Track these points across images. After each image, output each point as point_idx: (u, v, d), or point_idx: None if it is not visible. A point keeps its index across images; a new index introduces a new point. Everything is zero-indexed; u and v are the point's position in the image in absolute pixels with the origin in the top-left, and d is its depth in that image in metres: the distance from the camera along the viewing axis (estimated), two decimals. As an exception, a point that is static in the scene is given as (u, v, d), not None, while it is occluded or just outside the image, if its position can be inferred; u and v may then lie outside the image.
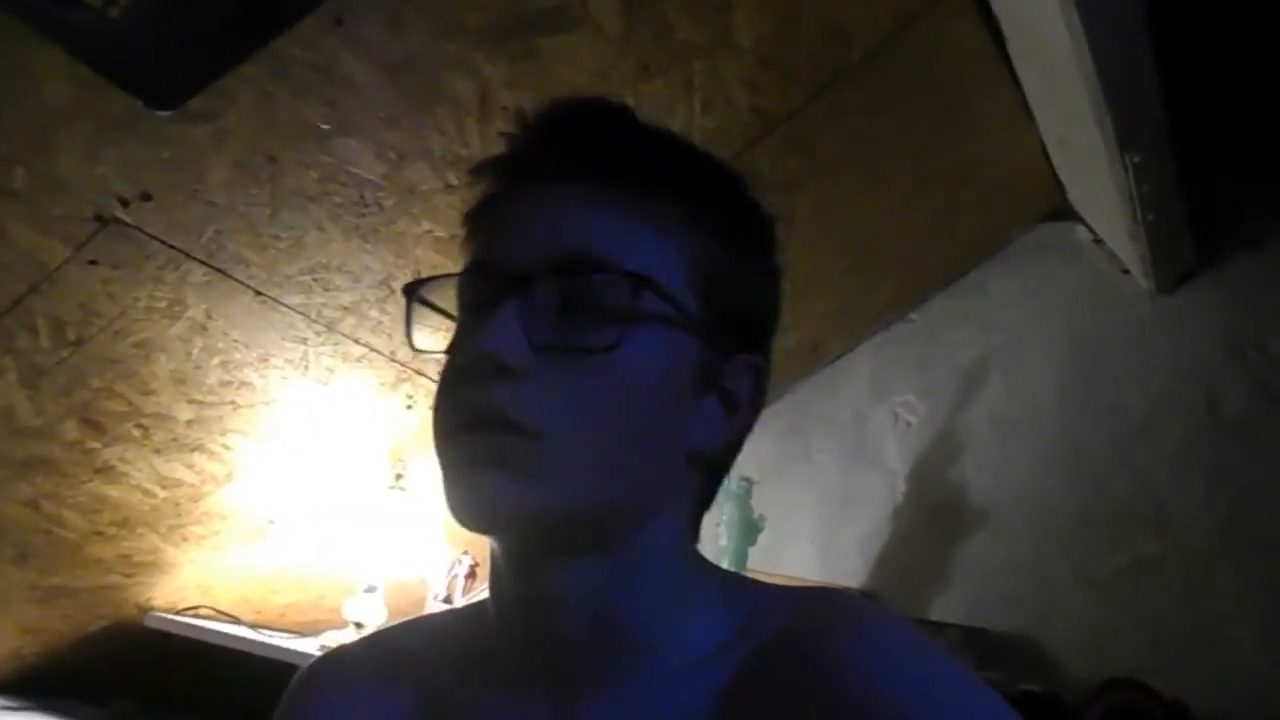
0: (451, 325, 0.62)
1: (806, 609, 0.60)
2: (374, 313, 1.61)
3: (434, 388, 0.60)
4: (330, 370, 1.68)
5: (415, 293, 0.62)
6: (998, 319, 2.15)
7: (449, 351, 0.60)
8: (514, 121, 0.62)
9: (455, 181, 1.45)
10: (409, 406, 1.85)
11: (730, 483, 1.98)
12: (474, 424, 0.56)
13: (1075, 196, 2.03)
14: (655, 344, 0.58)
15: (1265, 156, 1.91)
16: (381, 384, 1.76)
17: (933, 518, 2.08)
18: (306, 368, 1.65)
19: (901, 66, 1.60)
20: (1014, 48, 1.63)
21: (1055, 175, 1.99)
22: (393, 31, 1.24)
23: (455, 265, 0.63)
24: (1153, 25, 1.38)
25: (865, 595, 2.07)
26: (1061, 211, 2.10)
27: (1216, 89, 1.85)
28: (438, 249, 1.54)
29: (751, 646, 0.59)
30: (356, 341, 1.64)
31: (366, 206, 1.45)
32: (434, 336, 0.62)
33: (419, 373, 1.77)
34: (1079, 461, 1.95)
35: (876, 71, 1.59)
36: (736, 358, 0.62)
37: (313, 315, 1.57)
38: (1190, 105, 1.63)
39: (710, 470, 0.64)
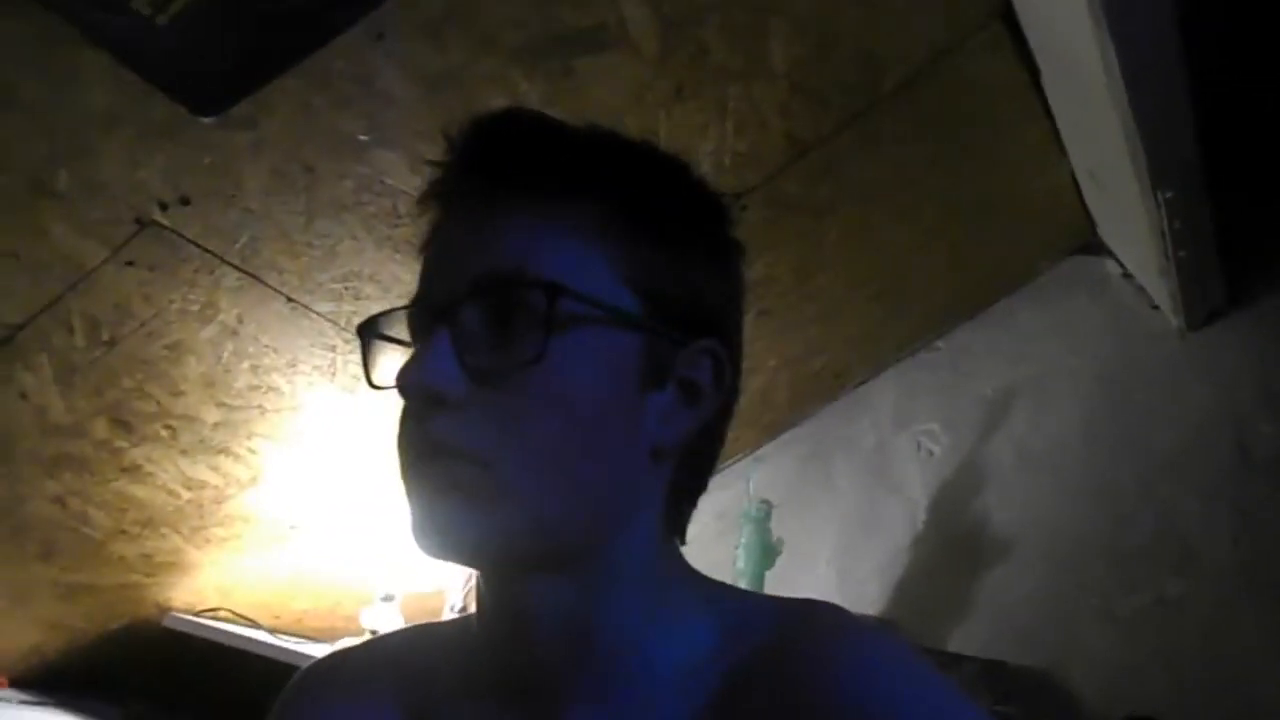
0: None
1: (791, 619, 0.60)
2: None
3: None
4: (357, 378, 1.70)
5: (371, 330, 0.62)
6: (1024, 351, 2.14)
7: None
8: (443, 147, 0.62)
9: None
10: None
11: (750, 506, 1.99)
12: (422, 457, 0.56)
13: (1105, 230, 2.02)
14: (588, 348, 0.57)
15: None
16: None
17: (953, 548, 2.07)
18: (334, 375, 1.67)
19: (935, 96, 1.61)
20: (1048, 80, 1.64)
21: (1086, 208, 1.98)
22: (433, 47, 1.26)
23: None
24: (1188, 61, 1.38)
25: (883, 625, 2.06)
26: (1091, 245, 2.09)
27: (1253, 127, 1.84)
28: (467, 262, 1.56)
29: (737, 657, 0.58)
30: (384, 351, 1.65)
31: (400, 218, 1.46)
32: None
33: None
34: (1103, 497, 1.94)
35: (910, 101, 1.59)
36: (690, 346, 0.61)
37: (342, 323, 1.59)
38: (1225, 143, 1.62)
39: (682, 463, 0.63)
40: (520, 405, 0.56)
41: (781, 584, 1.97)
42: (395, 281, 1.55)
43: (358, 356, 0.63)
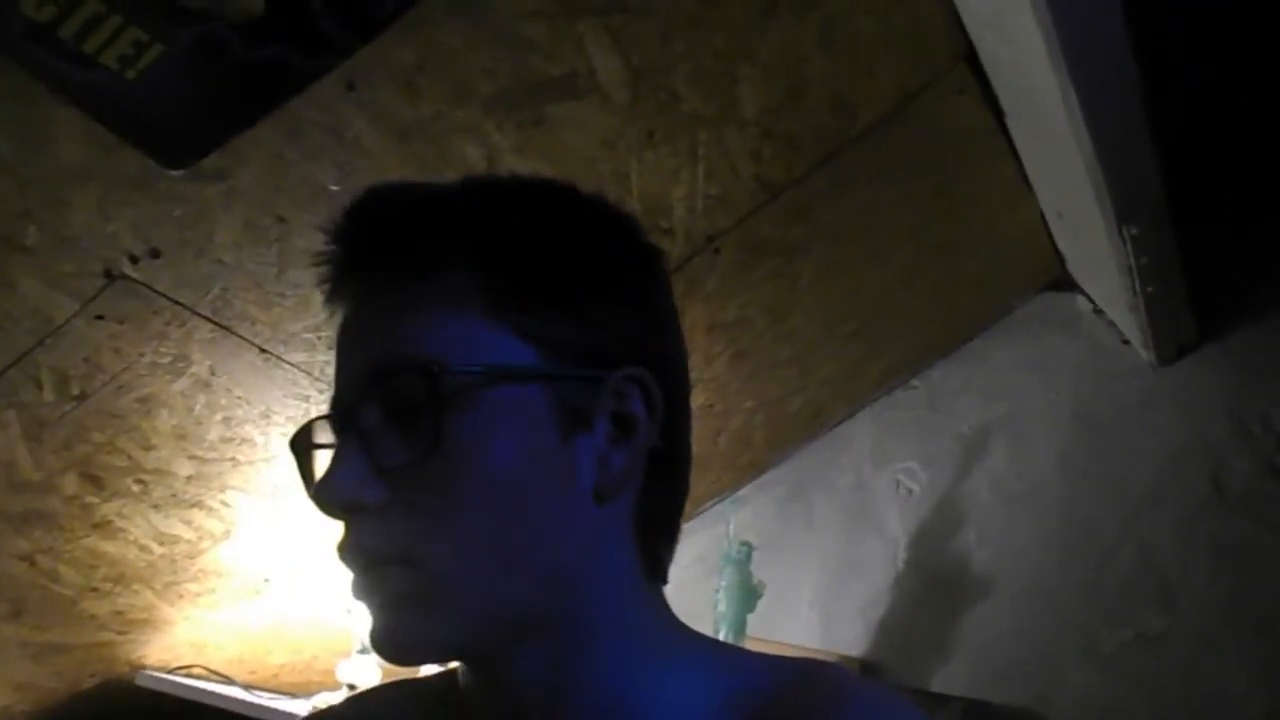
0: None
1: (792, 681, 0.58)
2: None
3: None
4: (332, 428, 1.68)
5: (304, 442, 0.60)
6: (999, 388, 2.15)
7: None
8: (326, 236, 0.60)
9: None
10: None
11: (730, 548, 1.98)
12: (360, 568, 0.55)
13: (1075, 267, 2.04)
14: (489, 415, 0.55)
15: (1266, 230, 1.93)
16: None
17: (934, 587, 2.06)
18: (308, 425, 1.65)
19: (904, 139, 1.63)
20: (1013, 121, 1.66)
21: (1055, 246, 2.00)
22: (404, 97, 1.26)
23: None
24: (1150, 98, 1.41)
25: (866, 666, 2.05)
26: (1061, 282, 2.11)
27: (1216, 161, 1.88)
28: (442, 310, 1.55)
29: (738, 717, 0.57)
30: (359, 400, 1.64)
31: (373, 267, 1.46)
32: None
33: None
34: (1082, 533, 1.94)
35: (879, 143, 1.61)
36: (609, 380, 0.58)
37: (315, 373, 1.58)
38: (1190, 178, 1.65)
39: (642, 498, 0.61)
40: (437, 494, 0.54)
41: (763, 626, 1.96)
42: (369, 330, 1.54)
43: (332, 406, 0.61)
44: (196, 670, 1.93)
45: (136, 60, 1.09)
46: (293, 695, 2.01)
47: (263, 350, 1.51)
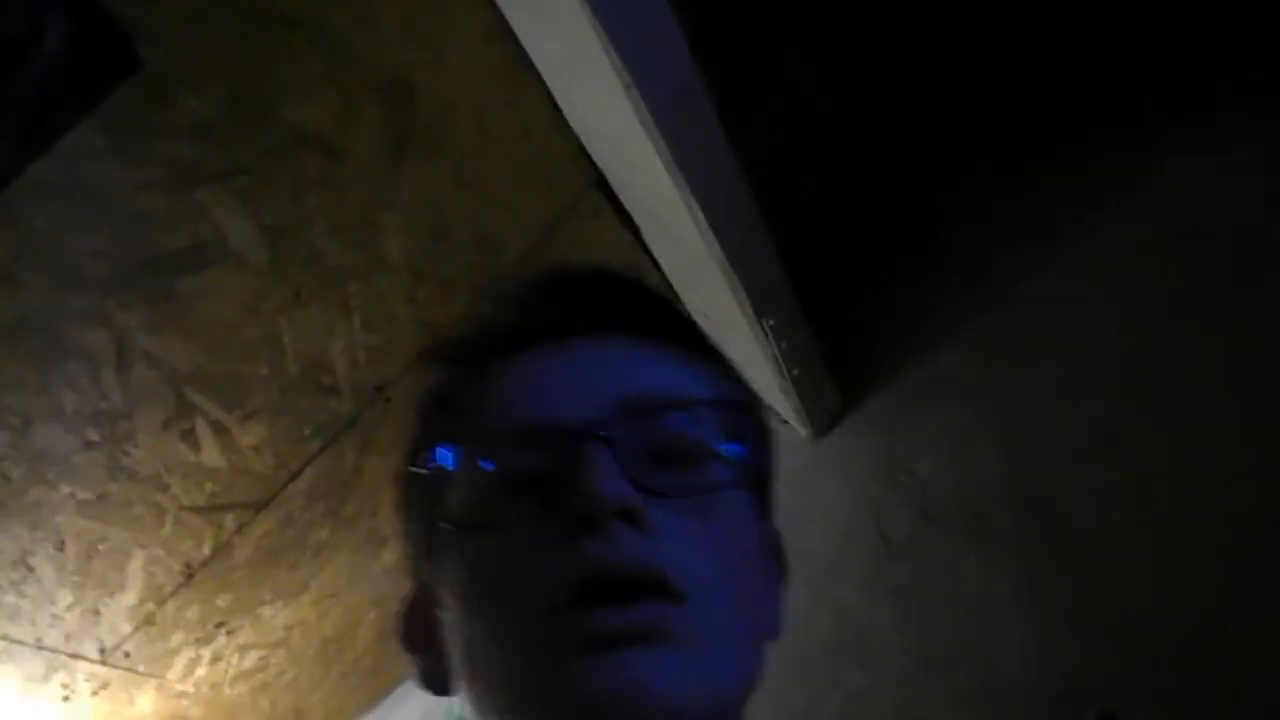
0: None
1: None
2: (10, 598, 1.40)
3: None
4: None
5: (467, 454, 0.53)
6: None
7: (486, 525, 0.49)
8: (493, 298, 0.61)
9: (97, 437, 1.32)
10: (66, 698, 1.60)
11: None
12: (603, 587, 0.44)
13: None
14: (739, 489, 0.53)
15: (879, 297, 2.16)
16: (29, 679, 1.52)
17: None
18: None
19: (556, 261, 1.69)
20: (649, 237, 1.77)
21: (709, 346, 2.13)
22: (3, 291, 1.13)
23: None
24: (763, 206, 1.56)
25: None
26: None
27: (831, 255, 2.10)
28: (83, 512, 1.38)
29: None
30: (-8, 636, 1.42)
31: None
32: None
33: (75, 656, 1.55)
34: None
35: (535, 268, 1.65)
36: (767, 522, 0.58)
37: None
38: (808, 268, 1.83)
39: None
40: (704, 535, 0.48)
41: None
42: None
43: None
44: None
45: None
46: None
47: None
